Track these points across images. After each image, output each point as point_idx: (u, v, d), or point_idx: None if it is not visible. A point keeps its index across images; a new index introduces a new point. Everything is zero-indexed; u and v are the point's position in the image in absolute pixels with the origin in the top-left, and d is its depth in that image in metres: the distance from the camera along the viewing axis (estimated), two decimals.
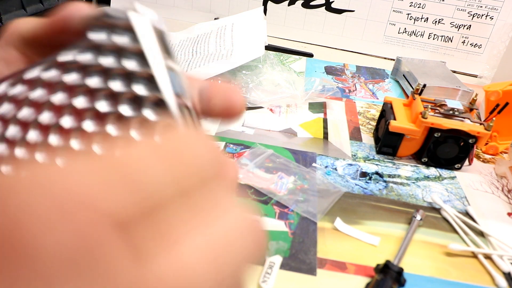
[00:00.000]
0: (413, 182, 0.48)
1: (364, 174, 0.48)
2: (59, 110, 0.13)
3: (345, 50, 0.88)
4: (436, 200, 0.44)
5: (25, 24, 0.18)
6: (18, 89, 0.14)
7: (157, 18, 0.14)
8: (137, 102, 0.13)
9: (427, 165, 0.51)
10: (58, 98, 0.13)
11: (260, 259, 0.13)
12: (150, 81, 0.13)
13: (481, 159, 0.54)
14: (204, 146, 0.12)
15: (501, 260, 0.38)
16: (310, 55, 0.81)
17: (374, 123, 0.60)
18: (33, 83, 0.13)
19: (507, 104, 0.55)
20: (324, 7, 0.86)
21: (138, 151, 0.10)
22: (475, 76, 0.82)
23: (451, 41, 0.84)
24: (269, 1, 0.87)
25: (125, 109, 0.13)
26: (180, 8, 0.90)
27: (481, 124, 0.49)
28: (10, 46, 0.19)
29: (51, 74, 0.13)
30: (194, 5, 0.89)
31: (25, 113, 0.13)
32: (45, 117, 0.13)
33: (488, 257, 0.39)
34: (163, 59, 0.14)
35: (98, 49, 0.13)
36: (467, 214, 0.44)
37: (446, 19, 0.83)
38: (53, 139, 0.13)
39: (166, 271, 0.10)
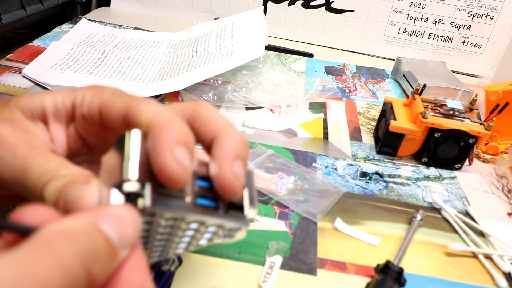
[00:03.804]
0: (413, 182, 0.48)
1: (364, 174, 0.48)
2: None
3: (345, 50, 0.88)
4: (436, 200, 0.44)
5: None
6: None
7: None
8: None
9: (427, 165, 0.51)
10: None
11: None
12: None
13: (481, 159, 0.54)
14: None
15: (501, 260, 0.38)
16: (310, 55, 0.81)
17: (374, 123, 0.60)
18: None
19: (507, 104, 0.55)
20: (324, 7, 0.86)
21: None
22: (475, 76, 0.82)
23: (451, 41, 0.84)
24: (269, 1, 0.87)
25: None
26: (180, 8, 0.90)
27: (481, 124, 0.49)
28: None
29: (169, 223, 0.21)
30: (194, 5, 0.89)
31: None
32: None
33: (488, 257, 0.39)
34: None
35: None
36: (467, 214, 0.44)
37: (446, 19, 0.83)
38: None
39: None
